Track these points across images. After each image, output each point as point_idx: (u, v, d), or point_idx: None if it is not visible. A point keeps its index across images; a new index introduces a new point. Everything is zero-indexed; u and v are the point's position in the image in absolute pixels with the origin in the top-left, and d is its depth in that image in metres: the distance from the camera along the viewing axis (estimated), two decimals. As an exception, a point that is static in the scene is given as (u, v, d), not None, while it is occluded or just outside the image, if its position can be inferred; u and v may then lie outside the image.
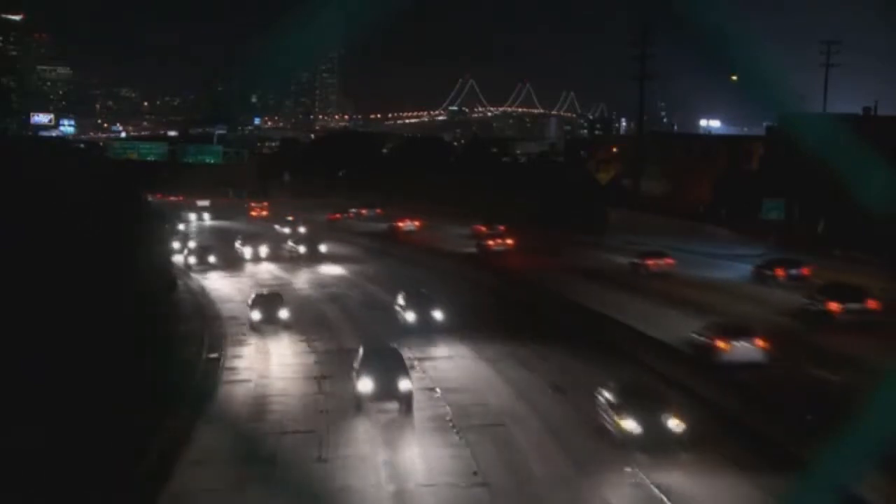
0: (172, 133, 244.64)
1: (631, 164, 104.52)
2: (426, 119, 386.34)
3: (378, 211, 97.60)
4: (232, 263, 66.25)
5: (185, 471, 24.29)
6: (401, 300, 42.27)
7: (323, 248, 67.94)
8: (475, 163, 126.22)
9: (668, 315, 39.59)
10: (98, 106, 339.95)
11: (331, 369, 34.91)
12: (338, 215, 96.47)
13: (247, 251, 70.09)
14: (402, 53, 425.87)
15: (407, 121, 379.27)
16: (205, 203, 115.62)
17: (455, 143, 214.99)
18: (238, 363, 36.61)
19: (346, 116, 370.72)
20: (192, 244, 71.82)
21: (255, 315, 42.43)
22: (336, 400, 30.74)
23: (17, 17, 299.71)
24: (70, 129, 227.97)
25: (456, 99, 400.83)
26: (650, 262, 54.72)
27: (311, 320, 44.78)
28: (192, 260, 64.71)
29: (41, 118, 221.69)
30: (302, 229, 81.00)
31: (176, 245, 72.15)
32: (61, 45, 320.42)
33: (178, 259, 66.57)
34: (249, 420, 28.98)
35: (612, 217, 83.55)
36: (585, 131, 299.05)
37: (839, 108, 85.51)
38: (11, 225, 29.04)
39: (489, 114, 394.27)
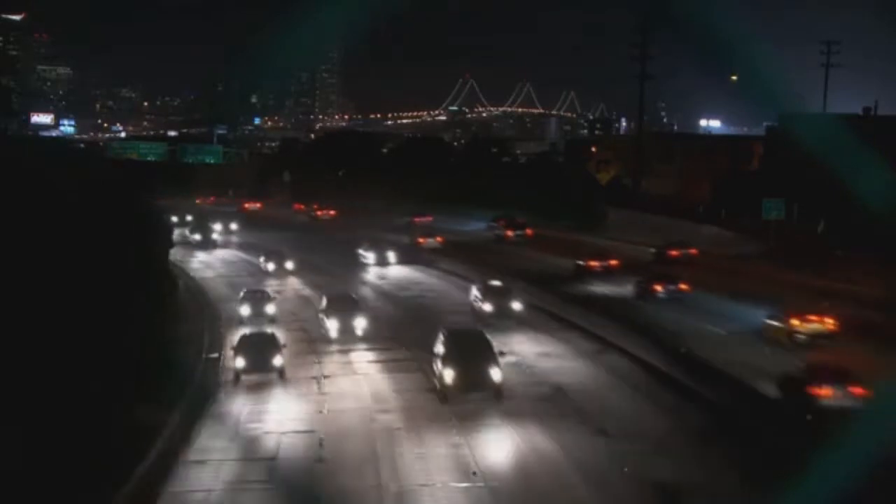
0: (172, 133, 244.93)
1: (632, 165, 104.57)
2: (426, 119, 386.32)
3: (212, 198, 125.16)
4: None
5: (186, 471, 24.31)
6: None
7: (496, 375, 29.94)
8: (475, 163, 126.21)
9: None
10: (98, 106, 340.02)
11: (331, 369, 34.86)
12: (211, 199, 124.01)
13: (332, 326, 39.79)
14: (403, 53, 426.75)
15: (407, 121, 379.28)
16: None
17: (455, 144, 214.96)
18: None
19: (346, 116, 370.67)
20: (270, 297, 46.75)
21: None
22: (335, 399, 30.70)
23: (17, 17, 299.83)
24: (70, 129, 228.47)
25: (456, 99, 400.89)
26: (416, 219, 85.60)
27: None
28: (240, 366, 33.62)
29: (42, 118, 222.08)
30: (517, 306, 43.24)
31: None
32: (61, 45, 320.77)
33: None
34: (249, 420, 28.98)
35: (612, 216, 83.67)
36: (585, 131, 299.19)
37: (839, 108, 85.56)
38: (10, 225, 29.03)
39: (485, 115, 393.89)
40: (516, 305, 43.09)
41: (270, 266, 61.46)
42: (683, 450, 24.91)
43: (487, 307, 42.87)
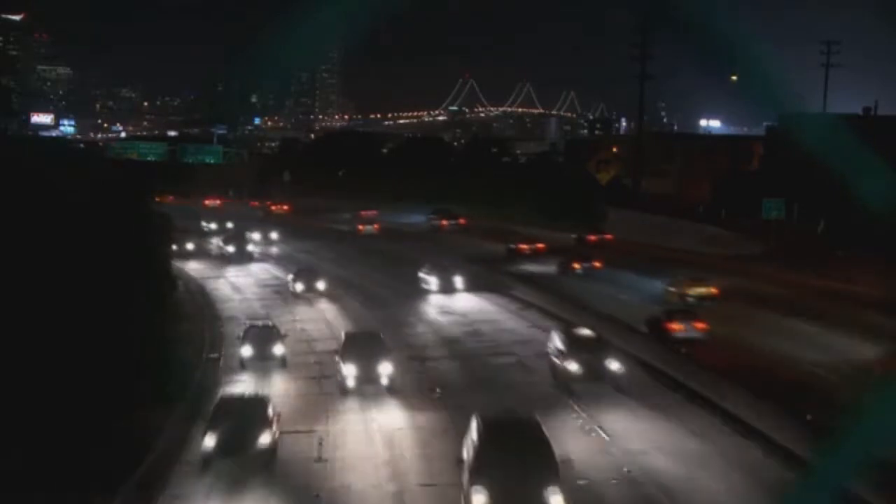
0: (172, 133, 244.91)
1: (631, 165, 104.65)
2: (426, 119, 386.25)
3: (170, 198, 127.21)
4: None
5: (186, 471, 24.32)
6: None
7: (556, 502, 19.38)
8: (475, 163, 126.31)
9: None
10: (98, 106, 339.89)
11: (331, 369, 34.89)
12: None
13: (349, 374, 31.81)
14: (403, 53, 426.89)
15: (407, 121, 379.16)
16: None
17: (455, 144, 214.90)
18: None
19: (346, 116, 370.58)
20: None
21: None
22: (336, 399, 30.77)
23: (17, 17, 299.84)
24: (70, 129, 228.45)
25: (456, 99, 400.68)
26: (363, 213, 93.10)
27: None
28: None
29: (42, 118, 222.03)
30: (615, 367, 31.43)
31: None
32: (61, 45, 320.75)
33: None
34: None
35: (612, 216, 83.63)
36: (585, 131, 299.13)
37: (839, 108, 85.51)
38: (10, 225, 29.04)
39: (485, 115, 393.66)
40: (614, 365, 31.01)
41: (299, 287, 52.03)
42: None
43: (573, 366, 30.94)
